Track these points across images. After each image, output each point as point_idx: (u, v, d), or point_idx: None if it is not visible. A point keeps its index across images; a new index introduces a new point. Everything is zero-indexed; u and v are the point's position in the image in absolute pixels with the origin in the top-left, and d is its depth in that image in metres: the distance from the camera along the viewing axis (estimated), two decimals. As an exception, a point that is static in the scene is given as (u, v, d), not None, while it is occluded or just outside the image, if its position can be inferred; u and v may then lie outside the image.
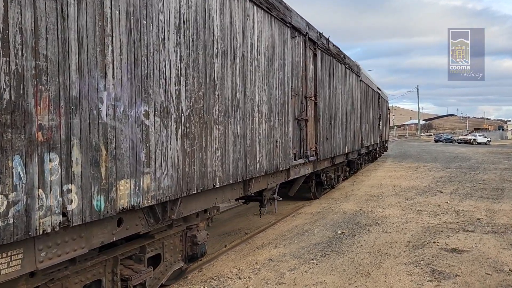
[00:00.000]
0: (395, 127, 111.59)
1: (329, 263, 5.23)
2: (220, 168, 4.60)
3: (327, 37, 9.61)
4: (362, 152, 14.88)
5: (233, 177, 4.94)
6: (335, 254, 5.62)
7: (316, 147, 8.54)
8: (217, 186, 4.58)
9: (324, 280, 4.65)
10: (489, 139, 56.58)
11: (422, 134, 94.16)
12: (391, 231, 6.78)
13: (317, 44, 8.69)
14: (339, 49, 10.89)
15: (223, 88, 4.70)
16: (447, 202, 9.20)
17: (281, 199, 7.06)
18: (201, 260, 5.09)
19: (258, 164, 5.61)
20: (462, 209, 8.44)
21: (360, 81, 13.92)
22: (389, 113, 30.35)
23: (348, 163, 13.39)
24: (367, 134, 15.73)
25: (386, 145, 27.30)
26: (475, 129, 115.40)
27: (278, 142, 6.27)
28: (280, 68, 6.53)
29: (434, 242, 6.05)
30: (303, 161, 7.78)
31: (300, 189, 9.55)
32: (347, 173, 13.16)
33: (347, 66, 11.81)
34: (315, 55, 8.68)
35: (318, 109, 8.70)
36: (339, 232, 6.81)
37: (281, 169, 6.49)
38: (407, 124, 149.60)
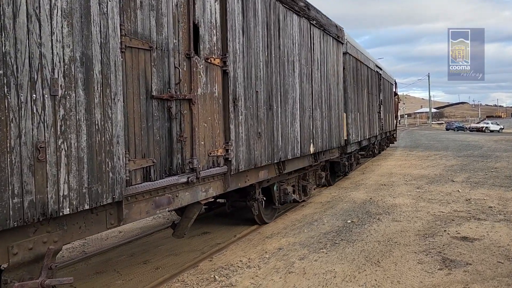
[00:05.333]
0: (406, 116, 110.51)
1: (339, 252, 5.23)
2: None
3: None
4: (350, 150, 11.21)
5: None
6: (345, 243, 5.61)
7: (226, 151, 4.90)
8: None
9: (334, 269, 4.65)
10: (502, 127, 55.80)
11: (433, 122, 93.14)
12: (401, 220, 6.75)
13: None
14: None
15: None
16: (458, 191, 9.11)
17: (70, 279, 2.94)
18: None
19: None
20: (473, 197, 8.35)
21: (345, 53, 10.42)
22: (398, 99, 26.54)
23: (331, 164, 10.36)
24: (358, 126, 12.02)
25: (394, 135, 24.15)
26: (487, 116, 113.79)
27: (48, 151, 2.76)
28: None
29: (445, 230, 6.01)
30: (185, 179, 4.11)
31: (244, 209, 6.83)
32: (323, 179, 9.38)
33: (314, 23, 7.81)
34: None
35: (232, 81, 5.00)
36: (348, 221, 6.79)
37: (69, 211, 2.88)
38: (418, 113, 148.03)
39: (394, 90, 23.33)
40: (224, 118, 4.93)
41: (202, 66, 4.50)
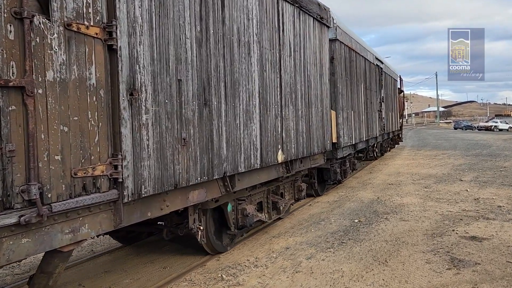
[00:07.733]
0: (413, 115, 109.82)
1: (346, 252, 5.22)
2: None
3: None
4: (342, 155, 9.51)
5: None
6: (352, 242, 5.60)
7: (115, 167, 3.18)
8: None
9: (341, 268, 4.64)
10: (511, 126, 55.18)
11: (441, 121, 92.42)
12: (409, 219, 6.71)
13: None
14: None
15: None
16: (467, 190, 9.04)
17: None
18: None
19: None
20: (482, 196, 8.28)
21: (334, 40, 8.94)
22: (403, 97, 24.46)
23: (321, 171, 9.23)
24: (352, 126, 10.34)
25: (400, 135, 22.52)
26: (496, 115, 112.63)
27: None
28: None
29: (453, 230, 5.97)
30: (14, 219, 2.51)
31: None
32: (303, 192, 7.53)
33: None
34: None
35: (127, 64, 3.31)
36: (356, 220, 6.77)
37: None
38: (426, 112, 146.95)
39: (398, 86, 21.16)
40: (112, 118, 3.22)
41: (56, 35, 2.82)
